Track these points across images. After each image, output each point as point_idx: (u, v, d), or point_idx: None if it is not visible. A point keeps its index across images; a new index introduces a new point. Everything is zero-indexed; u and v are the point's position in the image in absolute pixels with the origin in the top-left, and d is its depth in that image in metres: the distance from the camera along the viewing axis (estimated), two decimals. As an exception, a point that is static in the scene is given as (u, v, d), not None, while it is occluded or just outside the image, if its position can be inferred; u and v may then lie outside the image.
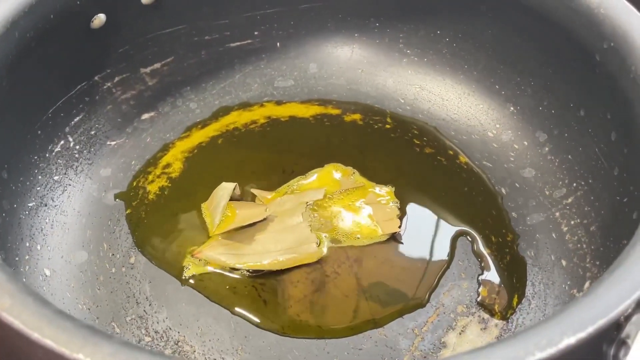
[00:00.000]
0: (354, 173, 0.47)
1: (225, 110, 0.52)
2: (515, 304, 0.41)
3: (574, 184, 0.44)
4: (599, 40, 0.40)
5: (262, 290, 0.41)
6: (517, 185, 0.47)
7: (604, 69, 0.40)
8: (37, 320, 0.23)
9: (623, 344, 0.28)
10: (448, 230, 0.44)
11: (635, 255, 0.29)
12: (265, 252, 0.42)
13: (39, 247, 0.42)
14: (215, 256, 0.42)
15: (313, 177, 0.47)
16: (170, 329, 0.39)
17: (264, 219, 0.44)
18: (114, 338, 0.23)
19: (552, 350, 0.23)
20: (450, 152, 0.49)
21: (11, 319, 0.23)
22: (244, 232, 0.43)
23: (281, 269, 0.42)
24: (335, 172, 0.47)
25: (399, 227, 0.44)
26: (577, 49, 0.42)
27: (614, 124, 0.40)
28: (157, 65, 0.51)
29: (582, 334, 0.23)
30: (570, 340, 0.23)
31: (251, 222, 0.43)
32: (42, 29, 0.41)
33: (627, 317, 0.27)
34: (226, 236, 0.43)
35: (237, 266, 0.42)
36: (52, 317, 0.23)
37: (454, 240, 0.44)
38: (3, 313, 0.23)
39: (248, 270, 0.42)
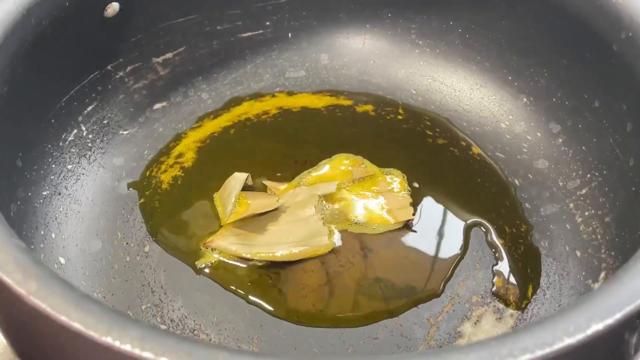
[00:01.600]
0: (363, 162, 0.47)
1: (237, 101, 0.52)
2: (530, 294, 0.41)
3: (588, 175, 0.44)
4: (617, 30, 0.40)
5: (277, 280, 0.41)
6: (530, 176, 0.47)
7: (621, 59, 0.40)
8: (65, 303, 0.23)
9: (645, 332, 0.28)
10: (462, 220, 0.44)
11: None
12: (277, 244, 0.42)
13: (53, 236, 0.41)
14: (227, 246, 0.42)
15: (324, 167, 0.47)
16: (185, 317, 0.39)
17: (276, 210, 0.44)
18: (141, 322, 0.23)
19: (580, 336, 0.23)
20: (463, 143, 0.49)
21: (38, 303, 0.23)
22: (256, 222, 0.43)
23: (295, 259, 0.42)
24: (345, 161, 0.47)
25: (413, 214, 0.44)
26: (593, 39, 0.42)
27: (630, 115, 0.40)
28: (169, 55, 0.51)
29: (609, 320, 0.23)
30: (598, 326, 0.23)
31: (263, 211, 0.43)
32: (57, 17, 0.41)
33: (650, 306, 0.27)
34: (238, 226, 0.43)
35: (248, 256, 0.42)
36: (79, 300, 0.23)
37: (468, 230, 0.44)
38: (30, 297, 0.23)
39: (259, 261, 0.41)
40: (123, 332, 0.22)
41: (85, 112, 0.47)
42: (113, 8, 0.45)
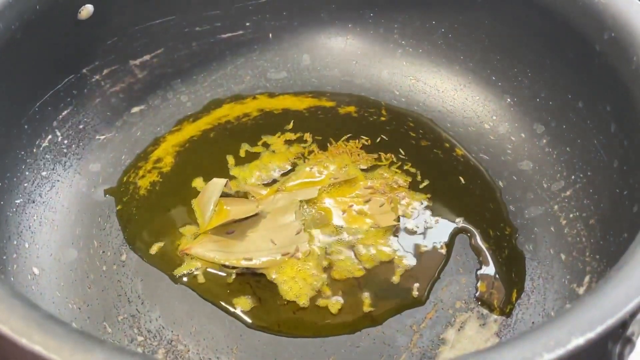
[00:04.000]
0: (346, 165, 0.46)
1: (217, 103, 0.51)
2: (514, 298, 0.40)
3: (573, 177, 0.44)
4: (599, 31, 0.39)
5: (257, 288, 0.40)
6: (514, 178, 0.46)
7: (604, 59, 0.39)
8: (26, 325, 0.22)
9: (628, 341, 0.27)
10: (445, 224, 0.44)
11: (640, 252, 0.28)
12: (257, 250, 0.41)
13: (27, 245, 0.40)
14: (205, 253, 0.41)
15: (305, 170, 0.46)
16: (163, 327, 0.38)
17: (256, 216, 0.43)
18: (106, 343, 0.22)
19: (560, 352, 0.22)
20: (447, 145, 0.48)
21: (-2, 325, 0.22)
22: (235, 228, 0.42)
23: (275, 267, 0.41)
24: (328, 165, 0.47)
25: (395, 220, 0.43)
26: (576, 39, 0.42)
27: (614, 116, 0.40)
28: (146, 57, 0.50)
29: (591, 334, 0.23)
30: (579, 340, 0.22)
31: (242, 217, 0.42)
32: (27, 20, 0.40)
33: (633, 315, 0.26)
34: (217, 232, 0.42)
35: (227, 264, 0.41)
36: (41, 321, 0.22)
37: (452, 234, 0.43)
38: (-10, 318, 0.22)
39: (239, 268, 0.41)
40: (87, 355, 0.21)
41: (60, 117, 0.46)
42: (87, 10, 0.44)
